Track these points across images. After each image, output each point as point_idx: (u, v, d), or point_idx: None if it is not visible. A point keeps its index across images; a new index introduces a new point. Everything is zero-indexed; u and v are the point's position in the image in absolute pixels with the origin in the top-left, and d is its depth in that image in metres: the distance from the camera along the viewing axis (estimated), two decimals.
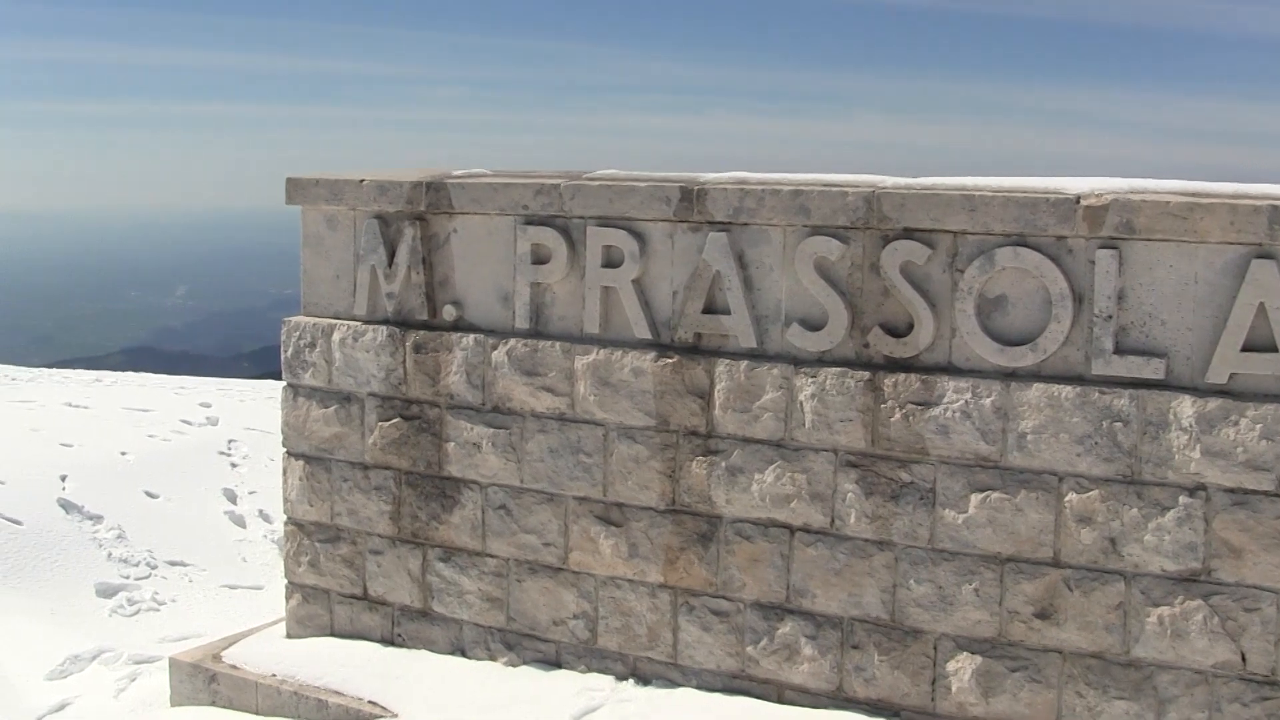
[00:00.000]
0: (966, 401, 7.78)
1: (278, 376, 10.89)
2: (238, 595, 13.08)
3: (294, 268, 10.19)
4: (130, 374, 25.29)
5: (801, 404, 8.23)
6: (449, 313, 9.46)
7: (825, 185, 8.19)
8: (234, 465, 16.06)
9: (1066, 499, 7.61)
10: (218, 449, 16.42)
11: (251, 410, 19.21)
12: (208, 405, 18.89)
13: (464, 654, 9.71)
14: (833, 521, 8.25)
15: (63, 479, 14.32)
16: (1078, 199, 7.49)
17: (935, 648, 8.07)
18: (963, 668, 7.98)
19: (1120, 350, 7.47)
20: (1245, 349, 7.22)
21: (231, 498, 15.17)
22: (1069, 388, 7.56)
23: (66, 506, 13.69)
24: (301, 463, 10.21)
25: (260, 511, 14.94)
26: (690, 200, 8.51)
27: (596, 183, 8.89)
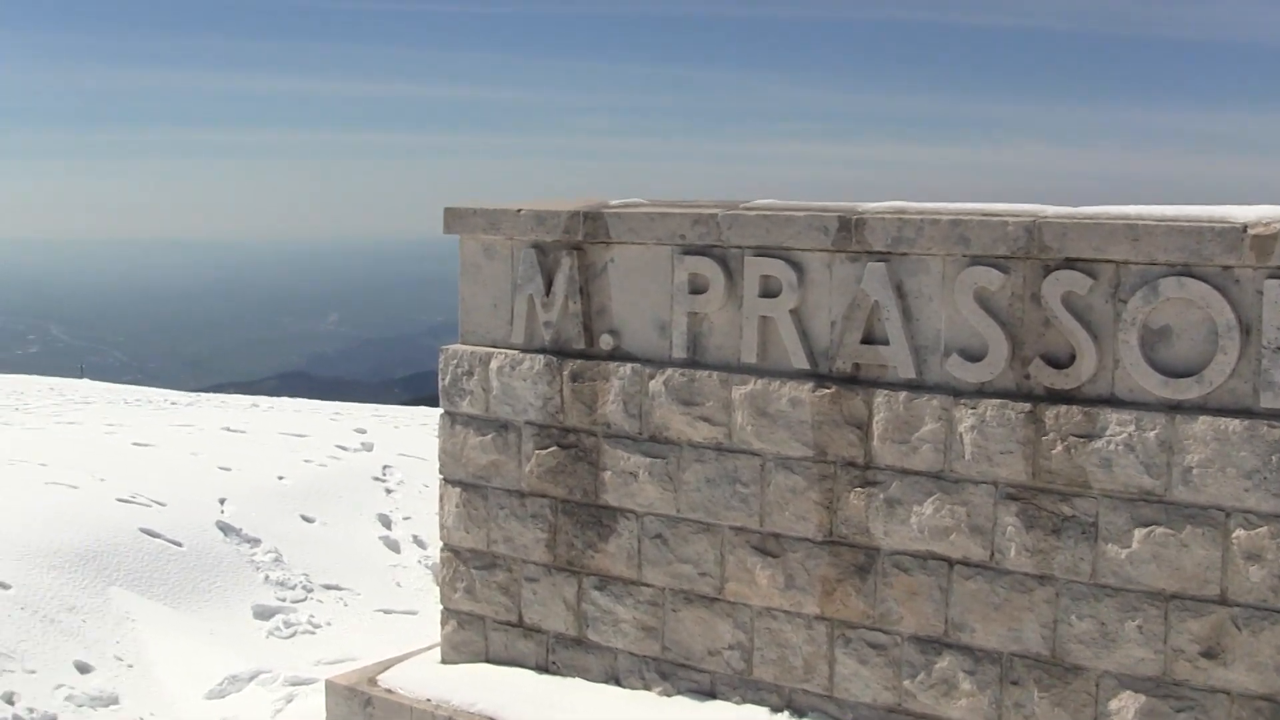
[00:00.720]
0: (1130, 434, 7.66)
1: (430, 403, 10.98)
2: (392, 620, 13.17)
3: (445, 295, 10.27)
4: (286, 399, 25.64)
5: (961, 435, 8.16)
6: (606, 342, 9.49)
7: (985, 215, 8.11)
8: (389, 491, 16.20)
9: (1234, 535, 7.46)
10: (373, 474, 16.57)
11: (405, 436, 19.37)
12: (363, 431, 19.08)
13: (618, 683, 9.71)
14: (992, 555, 8.16)
15: (221, 502, 14.53)
16: (1244, 228, 7.35)
17: (1097, 685, 7.94)
18: (1125, 706, 7.84)
19: None
20: None
21: (386, 523, 15.31)
22: (1236, 421, 7.41)
23: (225, 529, 13.88)
24: (458, 490, 10.28)
25: (415, 537, 15.05)
26: (848, 230, 8.47)
27: (754, 213, 8.88)
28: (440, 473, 10.44)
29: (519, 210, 9.82)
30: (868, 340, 8.50)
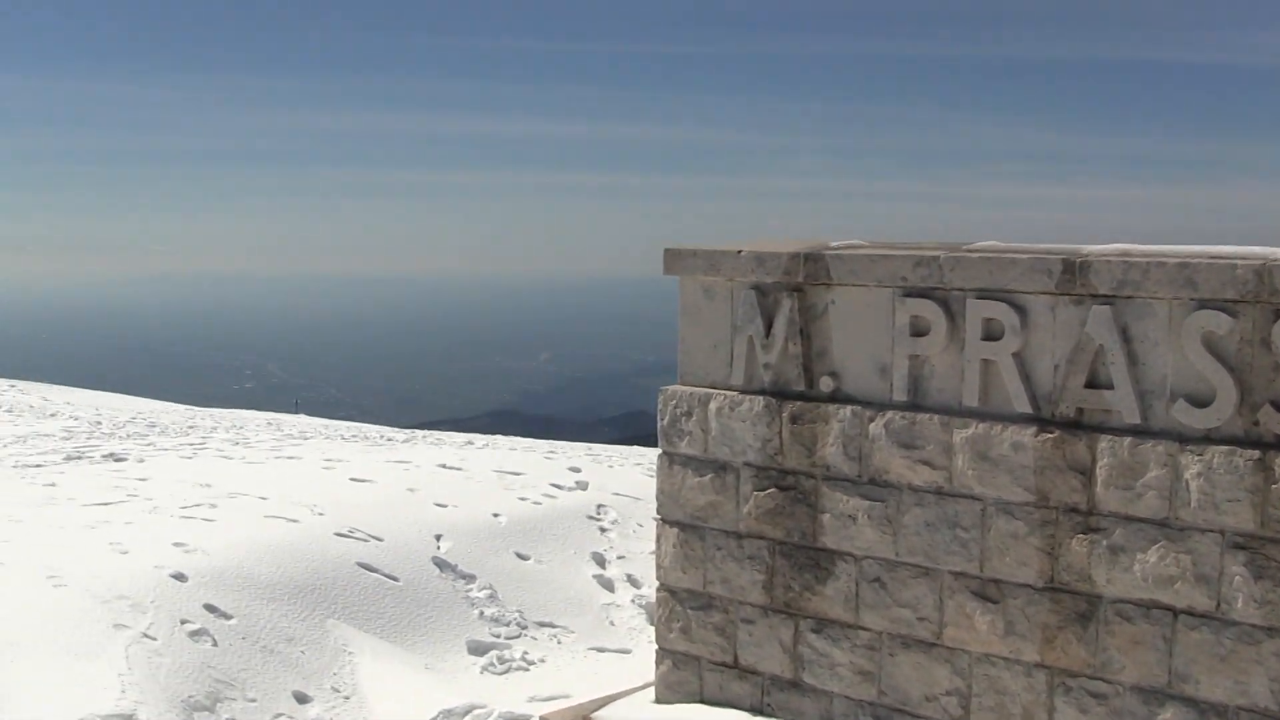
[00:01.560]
0: None
1: (642, 442, 11.04)
2: (605, 658, 13.21)
3: (654, 333, 10.35)
4: (500, 437, 25.88)
5: (1187, 483, 8.02)
6: (826, 384, 9.48)
7: (1213, 257, 7.98)
8: (603, 530, 16.27)
9: None
10: (587, 513, 16.64)
11: (619, 475, 19.44)
12: (577, 470, 19.16)
13: None
14: (1219, 605, 8.00)
15: (438, 538, 14.70)
16: None
17: None
18: None
19: None
20: None
21: (600, 562, 15.37)
22: None
23: (441, 565, 14.05)
24: (676, 530, 10.32)
25: (628, 576, 15.10)
26: (1072, 273, 8.38)
27: (976, 255, 8.83)
28: (658, 513, 10.49)
29: (739, 251, 9.86)
30: (1091, 384, 8.40)
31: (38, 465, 18.56)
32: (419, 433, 27.64)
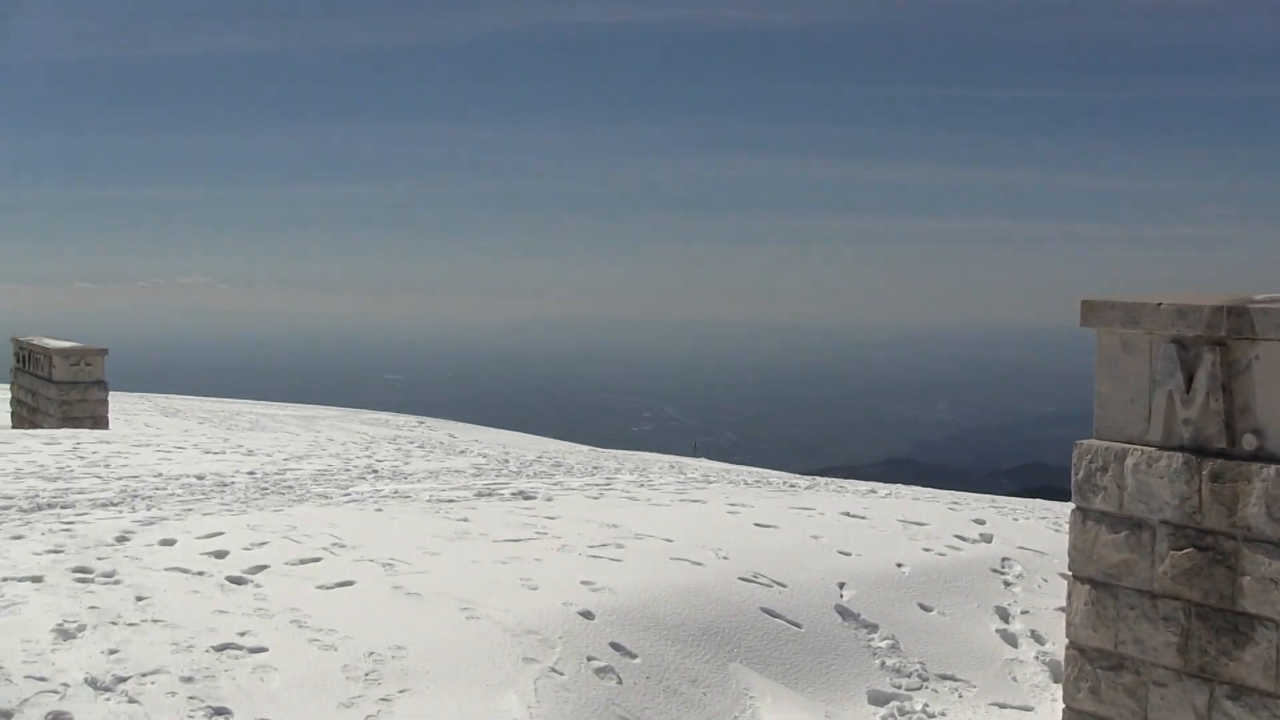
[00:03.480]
0: None
1: (1043, 494, 10.86)
2: (1006, 715, 13.03)
3: (1054, 384, 10.18)
4: (903, 486, 25.74)
5: None
6: (1249, 442, 9.17)
7: None
8: (1007, 584, 16.03)
9: None
10: (991, 566, 16.42)
11: (1024, 529, 19.10)
12: (981, 522, 18.92)
13: None
14: None
15: (840, 586, 14.71)
16: None
17: None
18: None
19: None
20: None
21: (1004, 616, 15.15)
22: None
23: (844, 613, 14.05)
24: (1087, 587, 10.11)
25: (1032, 632, 14.84)
26: None
27: None
28: (1069, 569, 10.29)
29: (1159, 304, 9.63)
30: None
31: (450, 500, 19.17)
32: (820, 480, 27.66)
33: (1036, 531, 18.81)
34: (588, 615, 12.49)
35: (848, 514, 18.72)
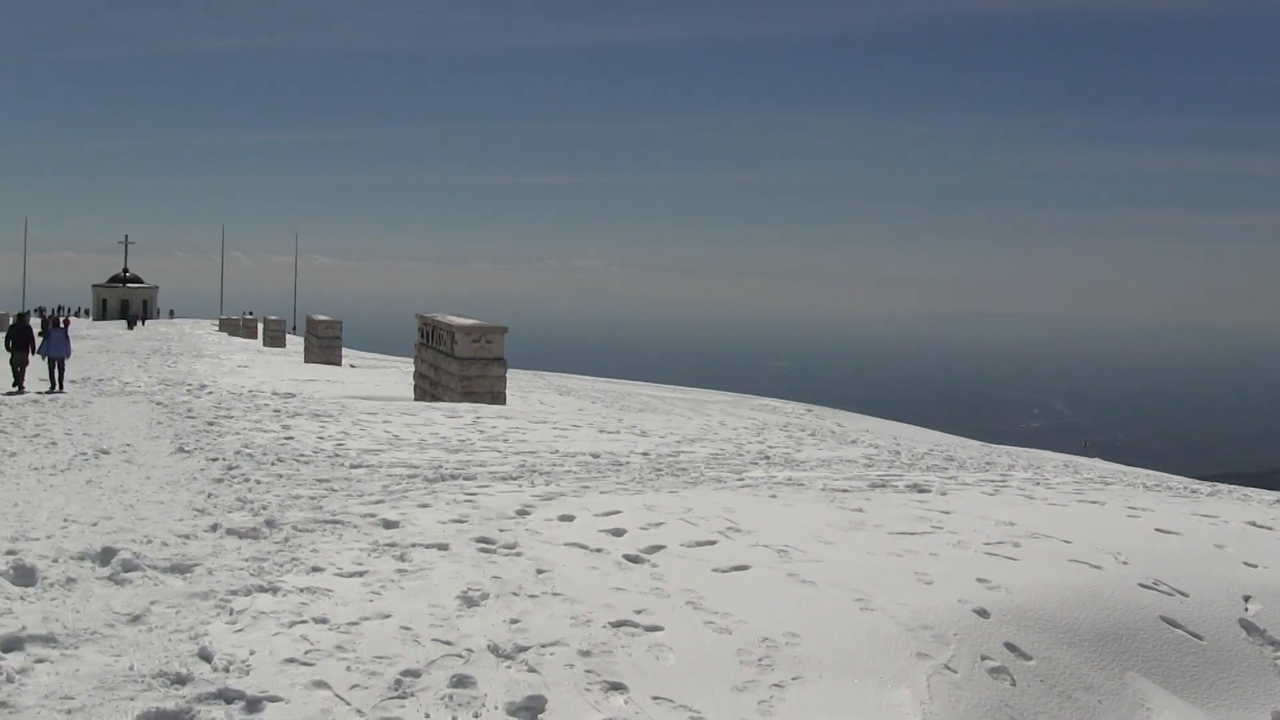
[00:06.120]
0: None
1: None
2: None
3: None
4: None
5: None
6: None
7: None
8: None
9: None
10: None
11: None
12: None
13: None
14: None
15: (1245, 599, 14.18)
16: None
17: None
18: None
19: None
20: None
21: None
22: None
23: (1249, 628, 13.53)
24: None
25: None
26: None
27: None
28: None
29: None
30: None
31: (844, 490, 19.16)
32: (1223, 486, 26.81)
33: None
34: (983, 613, 12.31)
35: (1254, 524, 18.06)
